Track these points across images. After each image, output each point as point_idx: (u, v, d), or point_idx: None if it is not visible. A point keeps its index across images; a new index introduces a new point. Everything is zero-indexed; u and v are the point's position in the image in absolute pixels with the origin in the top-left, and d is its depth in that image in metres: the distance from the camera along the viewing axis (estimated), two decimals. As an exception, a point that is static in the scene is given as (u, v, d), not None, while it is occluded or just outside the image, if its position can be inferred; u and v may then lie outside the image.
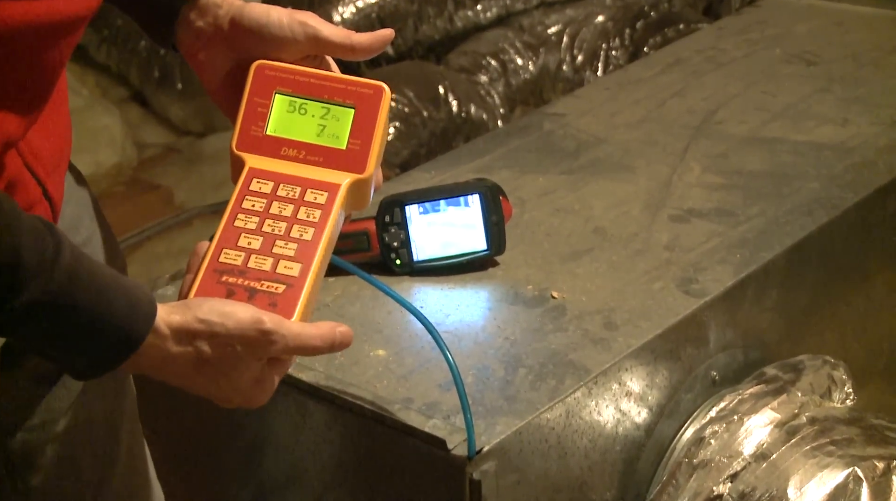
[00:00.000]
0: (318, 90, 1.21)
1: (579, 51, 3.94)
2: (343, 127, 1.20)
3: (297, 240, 1.14)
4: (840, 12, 2.36)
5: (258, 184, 1.18)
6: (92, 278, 1.00)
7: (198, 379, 1.08)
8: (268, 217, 1.15)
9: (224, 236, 1.14)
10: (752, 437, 1.48)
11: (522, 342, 1.42)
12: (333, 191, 1.17)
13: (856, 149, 1.82)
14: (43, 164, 1.15)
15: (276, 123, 1.20)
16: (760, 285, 1.56)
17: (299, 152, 1.19)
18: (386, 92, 1.22)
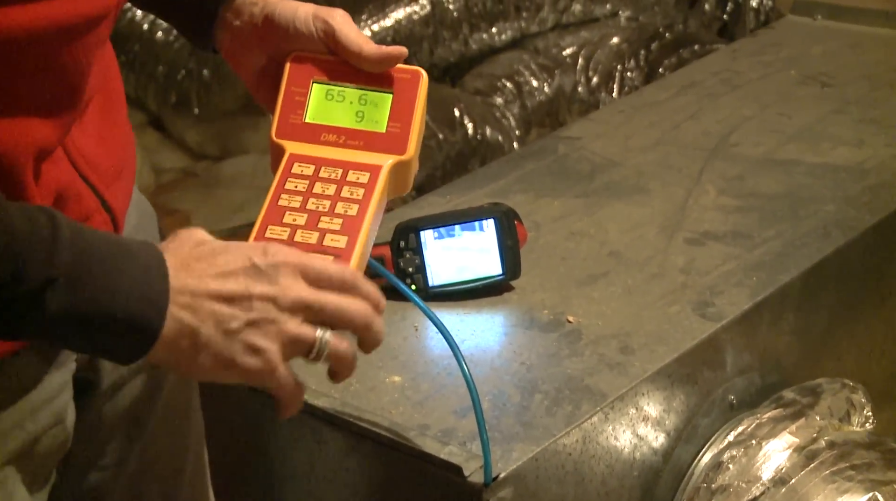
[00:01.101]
0: (354, 77, 1.21)
1: (594, 72, 3.94)
2: (382, 111, 1.20)
3: (342, 216, 1.14)
4: (855, 34, 2.36)
5: (300, 168, 1.18)
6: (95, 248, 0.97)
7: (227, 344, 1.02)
8: (311, 196, 1.15)
9: (268, 214, 1.14)
10: (770, 462, 1.47)
11: (538, 367, 1.42)
12: (376, 172, 1.17)
13: (872, 170, 1.81)
14: (100, 174, 1.14)
15: (315, 111, 1.21)
16: (777, 308, 1.55)
17: (339, 137, 1.20)
18: (423, 76, 1.22)
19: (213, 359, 1.01)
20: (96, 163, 1.14)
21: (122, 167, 1.20)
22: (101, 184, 1.14)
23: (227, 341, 1.01)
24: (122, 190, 1.20)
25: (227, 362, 1.02)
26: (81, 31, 1.06)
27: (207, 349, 1.01)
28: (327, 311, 1.06)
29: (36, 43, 1.01)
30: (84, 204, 1.12)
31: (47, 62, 1.04)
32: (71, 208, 1.10)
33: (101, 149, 1.15)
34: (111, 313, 0.96)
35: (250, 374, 1.03)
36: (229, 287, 1.02)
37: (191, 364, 1.02)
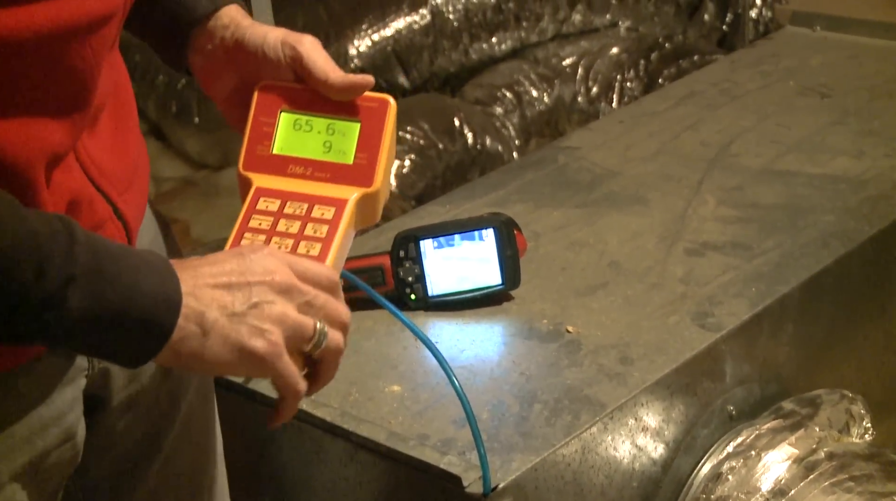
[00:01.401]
0: (322, 106, 1.20)
1: (594, 82, 3.94)
2: (349, 142, 1.19)
3: (304, 257, 1.13)
4: (854, 45, 2.36)
5: (265, 203, 1.17)
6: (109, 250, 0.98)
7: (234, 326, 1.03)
8: (275, 234, 1.15)
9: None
10: (769, 473, 1.47)
11: (538, 377, 1.41)
12: (341, 206, 1.16)
13: (871, 181, 1.81)
14: (113, 183, 1.14)
15: (283, 142, 1.20)
16: (777, 319, 1.55)
17: (306, 169, 1.19)
18: (391, 104, 1.21)
19: (222, 343, 1.02)
20: (109, 171, 1.14)
21: (134, 175, 1.20)
22: (114, 192, 1.14)
23: (233, 323, 1.02)
24: (134, 199, 1.20)
25: (235, 345, 1.02)
26: (89, 31, 1.05)
27: (215, 331, 1.01)
28: (316, 304, 1.07)
29: (44, 44, 1.01)
30: (97, 211, 1.12)
31: (56, 63, 1.04)
32: (84, 216, 1.10)
33: (114, 158, 1.15)
34: (130, 311, 0.97)
35: (257, 360, 1.03)
36: (226, 277, 1.03)
37: (202, 351, 1.01)
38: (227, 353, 1.02)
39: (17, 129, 1.01)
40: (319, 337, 1.06)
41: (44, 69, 1.03)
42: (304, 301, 1.06)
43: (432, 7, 4.03)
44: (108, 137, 1.15)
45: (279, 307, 1.04)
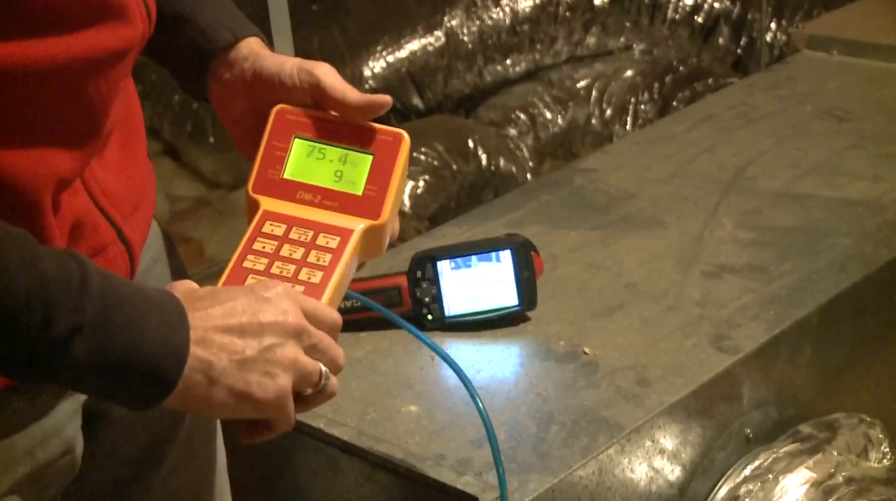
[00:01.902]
0: (337, 135, 1.20)
1: (608, 105, 3.94)
2: (360, 173, 1.19)
3: (304, 283, 1.12)
4: (871, 69, 2.35)
5: (271, 227, 1.17)
6: (122, 296, 0.97)
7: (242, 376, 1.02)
8: (277, 259, 1.14)
9: (231, 275, 1.13)
10: (787, 497, 1.46)
11: (555, 398, 1.41)
12: (346, 236, 1.16)
13: (889, 205, 1.81)
14: (118, 206, 1.14)
15: (294, 167, 1.20)
16: (794, 342, 1.55)
17: (315, 196, 1.18)
18: (405, 139, 1.20)
19: (228, 393, 1.01)
20: (114, 195, 1.14)
21: (139, 200, 1.20)
22: (119, 216, 1.14)
23: (241, 371, 1.01)
24: (139, 222, 1.20)
25: (243, 394, 1.02)
26: (106, 65, 1.06)
27: (222, 381, 1.01)
28: (320, 347, 1.06)
29: (60, 75, 1.01)
30: (101, 235, 1.12)
31: (71, 94, 1.04)
32: (87, 239, 1.10)
33: (120, 182, 1.15)
34: (134, 362, 0.97)
35: (263, 405, 1.03)
36: (238, 319, 1.02)
37: (207, 401, 1.01)
38: (232, 401, 1.02)
39: (28, 156, 1.01)
40: (323, 382, 1.06)
41: (60, 99, 1.03)
42: (311, 344, 1.05)
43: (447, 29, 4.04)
44: (116, 161, 1.15)
45: (290, 351, 1.03)
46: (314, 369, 1.05)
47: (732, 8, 4.11)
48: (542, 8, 4.05)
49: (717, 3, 4.12)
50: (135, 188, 1.19)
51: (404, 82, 4.02)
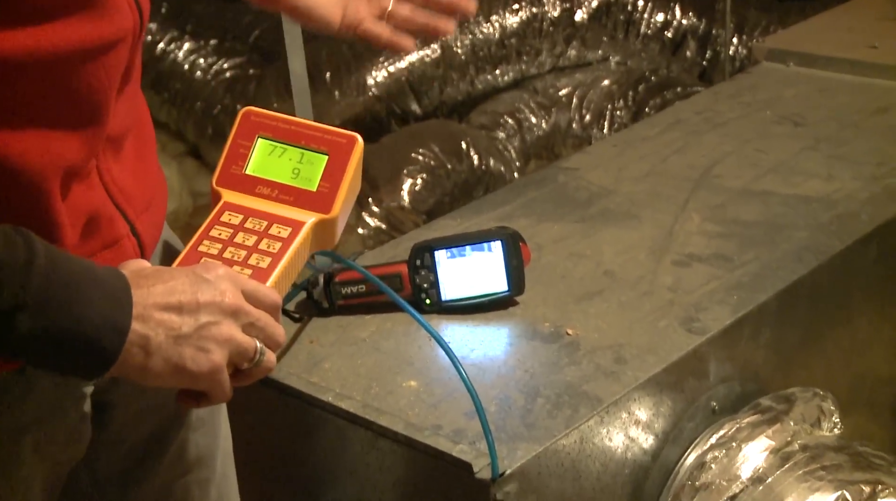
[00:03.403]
0: (296, 137, 1.20)
1: (587, 111, 3.94)
2: (316, 171, 1.19)
3: (253, 267, 1.12)
4: (824, 79, 2.35)
5: (229, 216, 1.16)
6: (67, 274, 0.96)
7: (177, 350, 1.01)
8: (231, 245, 1.14)
9: (185, 258, 1.12)
10: (749, 462, 1.46)
11: (540, 374, 1.40)
12: (297, 228, 1.16)
13: (840, 201, 1.80)
14: (132, 203, 1.13)
15: (256, 164, 1.19)
16: (755, 324, 1.54)
17: (273, 191, 1.18)
18: (358, 142, 1.20)
19: (164, 364, 1.00)
20: (129, 193, 1.13)
21: (151, 200, 1.19)
22: (132, 212, 1.13)
23: (177, 346, 1.00)
24: (150, 220, 1.19)
25: (177, 366, 1.01)
26: (97, 55, 1.04)
27: (158, 354, 1.00)
28: (258, 325, 1.06)
29: (48, 63, 0.99)
30: (115, 228, 1.12)
31: (66, 83, 1.02)
32: (103, 231, 1.10)
33: (135, 181, 1.15)
34: (76, 336, 0.95)
35: (196, 377, 1.02)
36: (178, 297, 1.01)
37: (143, 371, 1.00)
38: (168, 372, 1.01)
39: (31, 141, 1.00)
40: (258, 357, 1.05)
41: (59, 86, 1.01)
42: (249, 322, 1.05)
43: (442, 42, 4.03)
44: (131, 163, 1.14)
45: (225, 328, 1.03)
46: (249, 345, 1.04)
47: (699, 24, 4.11)
48: (528, 23, 4.04)
49: (685, 20, 4.11)
50: (147, 189, 1.18)
51: (404, 90, 4.01)
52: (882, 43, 2.43)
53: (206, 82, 4.19)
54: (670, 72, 4.09)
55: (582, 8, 4.08)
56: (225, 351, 1.03)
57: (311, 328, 1.51)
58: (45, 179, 1.01)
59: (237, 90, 4.14)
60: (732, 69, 3.86)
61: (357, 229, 3.39)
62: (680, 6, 4.12)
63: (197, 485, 1.34)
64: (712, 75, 4.04)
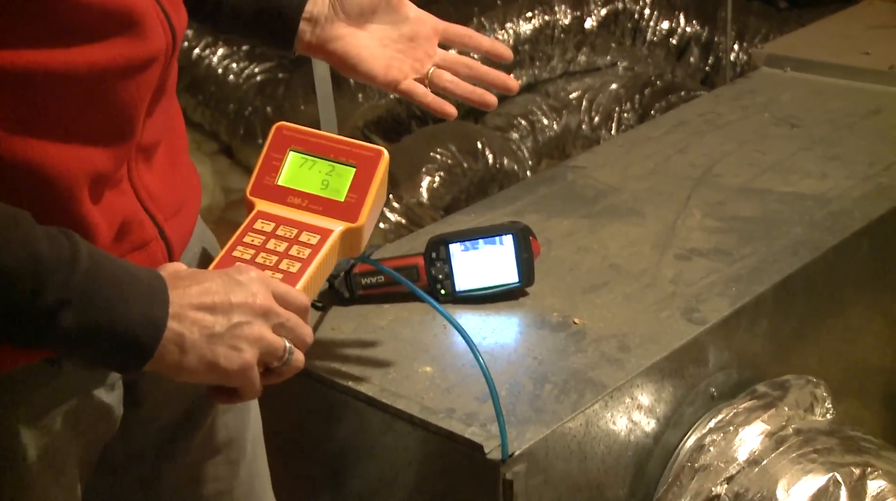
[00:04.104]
0: (326, 150, 1.20)
1: (596, 113, 3.92)
2: (344, 182, 1.18)
3: (283, 272, 1.12)
4: (819, 83, 2.34)
5: (262, 224, 1.16)
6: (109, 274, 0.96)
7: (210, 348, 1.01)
8: (263, 251, 1.13)
9: (220, 263, 1.12)
10: (745, 445, 1.45)
11: (548, 361, 1.40)
12: (326, 235, 1.16)
13: (834, 199, 1.79)
14: (161, 208, 1.13)
15: (288, 175, 1.19)
16: (752, 315, 1.54)
17: (303, 201, 1.18)
18: (384, 156, 1.20)
19: (198, 361, 1.00)
20: (159, 199, 1.13)
21: (181, 204, 1.19)
22: (161, 217, 1.13)
23: (210, 345, 1.00)
24: (180, 224, 1.19)
25: (211, 363, 1.01)
26: (131, 73, 1.04)
27: (192, 352, 1.00)
28: (287, 326, 1.06)
29: (84, 80, 1.00)
30: (145, 232, 1.12)
31: (100, 98, 1.03)
32: (133, 235, 1.10)
33: (165, 188, 1.14)
34: (116, 333, 0.95)
35: (229, 374, 1.02)
36: (211, 297, 1.01)
37: (178, 367, 1.00)
38: (201, 368, 1.01)
39: (63, 150, 1.00)
40: (287, 356, 1.05)
41: (93, 101, 1.02)
42: (279, 322, 1.04)
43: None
44: (162, 170, 1.14)
45: (256, 328, 1.02)
46: (279, 345, 1.04)
47: (702, 32, 4.09)
48: (541, 31, 4.03)
49: (688, 28, 4.10)
50: (177, 194, 1.18)
51: (424, 93, 4.00)
52: (874, 49, 2.41)
53: (239, 85, 4.19)
54: (675, 76, 4.08)
55: (591, 16, 4.06)
56: (255, 350, 1.03)
57: (332, 316, 1.50)
58: (75, 185, 1.01)
59: (267, 93, 4.14)
60: (733, 74, 3.84)
61: (379, 223, 3.39)
62: (684, 15, 4.10)
63: (227, 465, 1.34)
64: (714, 80, 4.03)
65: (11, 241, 0.91)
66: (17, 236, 0.91)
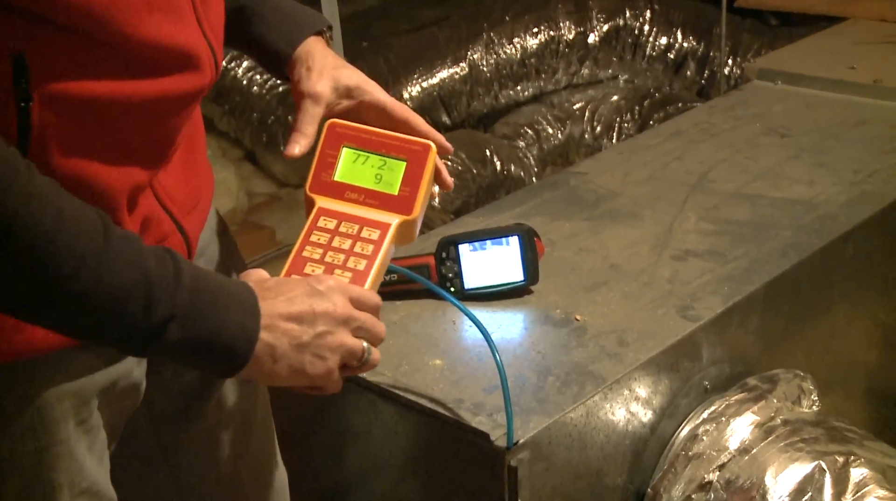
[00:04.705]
0: (377, 146, 1.19)
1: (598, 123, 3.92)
2: (396, 176, 1.18)
3: (351, 270, 1.12)
4: (808, 96, 2.33)
5: (324, 221, 1.16)
6: (207, 289, 0.98)
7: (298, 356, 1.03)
8: (329, 249, 1.13)
9: (293, 265, 1.13)
10: (736, 435, 1.45)
11: (551, 355, 1.40)
12: (385, 229, 1.15)
13: (821, 204, 1.79)
14: (178, 204, 1.15)
15: (343, 171, 1.19)
16: (744, 312, 1.53)
17: (360, 195, 1.18)
18: (432, 149, 1.20)
19: (288, 369, 1.03)
20: (176, 197, 1.15)
21: (197, 200, 1.21)
22: (179, 213, 1.15)
23: (298, 354, 1.03)
24: (196, 218, 1.21)
25: (298, 370, 1.03)
26: (183, 103, 1.09)
27: (284, 361, 1.02)
28: (365, 327, 1.08)
29: (147, 108, 1.04)
30: (164, 227, 1.14)
31: (155, 124, 1.07)
32: (153, 230, 1.12)
33: (181, 187, 1.16)
34: (215, 344, 0.98)
35: (314, 379, 1.05)
36: (297, 307, 1.03)
37: (270, 374, 1.03)
38: (290, 375, 1.03)
39: (113, 167, 1.03)
40: (366, 356, 1.07)
41: (146, 125, 1.05)
42: (357, 326, 1.06)
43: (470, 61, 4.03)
44: (179, 171, 1.16)
45: (338, 336, 1.05)
46: (358, 348, 1.06)
47: (698, 48, 4.09)
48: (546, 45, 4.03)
49: (685, 43, 4.09)
50: (193, 191, 1.20)
51: (435, 103, 4.01)
52: (859, 64, 2.41)
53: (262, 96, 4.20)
54: (672, 89, 4.07)
55: (594, 32, 4.06)
56: (337, 357, 1.05)
57: (349, 312, 1.50)
58: (118, 197, 1.05)
59: (288, 103, 4.15)
60: (727, 86, 3.84)
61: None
62: (681, 31, 4.09)
63: (240, 429, 1.37)
64: (709, 92, 4.02)
65: (126, 263, 0.93)
66: (130, 258, 0.94)
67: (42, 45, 0.95)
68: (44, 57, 0.95)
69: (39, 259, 0.89)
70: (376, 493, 1.44)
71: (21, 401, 1.06)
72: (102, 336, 0.96)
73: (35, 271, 0.89)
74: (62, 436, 1.09)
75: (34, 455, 1.07)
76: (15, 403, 1.06)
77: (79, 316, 0.93)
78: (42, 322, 0.95)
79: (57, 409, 1.08)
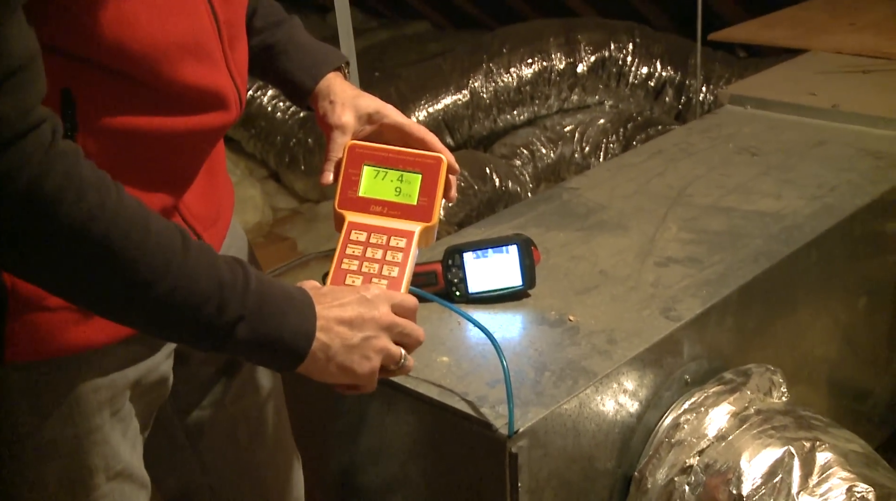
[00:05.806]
0: (394, 162, 1.20)
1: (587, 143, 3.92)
2: (414, 188, 1.18)
3: (387, 278, 1.13)
4: (774, 119, 2.33)
5: (356, 234, 1.16)
6: (272, 294, 1.00)
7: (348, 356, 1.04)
8: (364, 260, 1.14)
9: (335, 277, 1.14)
10: (714, 424, 1.44)
11: (547, 353, 1.39)
12: (410, 237, 1.16)
13: (788, 215, 1.78)
14: (200, 221, 1.15)
15: (366, 187, 1.19)
16: (720, 313, 1.53)
17: (383, 208, 1.18)
18: (443, 161, 1.21)
19: (338, 367, 1.04)
20: (198, 213, 1.16)
21: (218, 215, 1.22)
22: (200, 227, 1.16)
23: (348, 353, 1.04)
24: (217, 232, 1.22)
25: (347, 369, 1.04)
26: (212, 137, 1.11)
27: (335, 359, 1.03)
28: (404, 332, 1.09)
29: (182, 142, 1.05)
30: None
31: (187, 155, 1.08)
32: None
33: (203, 203, 1.17)
34: (278, 342, 0.99)
35: (359, 377, 1.06)
36: (348, 313, 1.04)
37: (322, 371, 1.04)
38: (339, 372, 1.05)
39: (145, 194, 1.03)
40: (403, 361, 1.09)
41: (176, 155, 1.07)
42: (398, 332, 1.08)
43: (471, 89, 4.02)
44: (201, 189, 1.17)
45: (382, 341, 1.06)
46: (396, 353, 1.08)
47: (675, 76, 4.08)
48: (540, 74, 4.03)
49: (664, 72, 4.09)
50: (214, 207, 1.21)
51: (440, 127, 4.01)
52: (819, 91, 2.41)
53: (285, 121, 4.20)
54: (653, 113, 4.07)
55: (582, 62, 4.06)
56: (380, 358, 1.06)
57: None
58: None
59: (308, 127, 4.15)
60: (701, 111, 3.83)
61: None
62: (660, 61, 4.09)
63: (257, 413, 1.37)
64: (686, 116, 4.02)
65: (202, 270, 0.95)
66: (206, 266, 0.95)
67: (88, 82, 0.96)
68: (89, 93, 0.97)
69: (129, 267, 0.90)
70: (387, 477, 1.44)
71: (60, 393, 1.07)
72: (182, 333, 0.97)
73: (126, 278, 0.91)
74: (98, 423, 1.10)
75: (73, 441, 1.08)
76: (55, 395, 1.07)
77: (162, 316, 0.94)
78: (130, 321, 0.96)
79: (92, 400, 1.09)
